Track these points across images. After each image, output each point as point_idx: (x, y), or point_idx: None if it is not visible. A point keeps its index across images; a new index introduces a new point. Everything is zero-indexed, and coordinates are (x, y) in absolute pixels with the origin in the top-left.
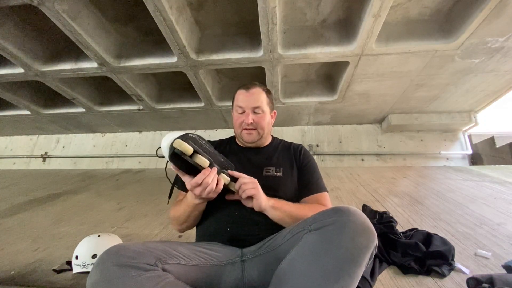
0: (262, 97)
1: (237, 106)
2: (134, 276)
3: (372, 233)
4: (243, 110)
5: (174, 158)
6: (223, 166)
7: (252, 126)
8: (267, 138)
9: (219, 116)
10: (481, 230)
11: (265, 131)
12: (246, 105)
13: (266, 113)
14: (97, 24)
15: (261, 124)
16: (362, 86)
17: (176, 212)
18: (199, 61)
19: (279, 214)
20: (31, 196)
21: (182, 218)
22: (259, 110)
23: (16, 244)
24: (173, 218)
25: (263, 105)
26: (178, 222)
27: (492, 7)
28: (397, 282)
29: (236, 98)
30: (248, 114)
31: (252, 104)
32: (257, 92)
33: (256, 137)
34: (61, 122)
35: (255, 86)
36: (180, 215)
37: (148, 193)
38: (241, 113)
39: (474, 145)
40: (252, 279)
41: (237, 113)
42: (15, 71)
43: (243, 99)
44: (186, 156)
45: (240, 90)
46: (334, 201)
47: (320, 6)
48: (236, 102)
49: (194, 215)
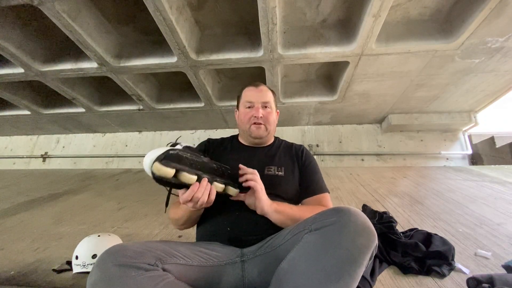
0: (269, 94)
1: (246, 101)
2: (134, 276)
3: (372, 234)
4: (253, 104)
5: (158, 181)
6: (217, 173)
7: (262, 120)
8: (270, 137)
9: (219, 116)
10: (481, 230)
11: (272, 127)
12: (256, 99)
13: (273, 110)
14: (97, 24)
15: (269, 120)
16: (362, 86)
17: (175, 214)
18: (199, 61)
19: (281, 218)
20: (31, 196)
21: (181, 220)
22: (268, 105)
23: (16, 244)
24: (172, 219)
25: (271, 101)
26: (177, 223)
27: (492, 7)
28: (397, 282)
29: (244, 94)
30: (258, 108)
31: (262, 99)
32: (265, 89)
33: (264, 132)
34: (61, 122)
35: (263, 85)
36: (179, 218)
37: (148, 193)
38: (250, 107)
39: (474, 145)
40: (252, 279)
41: (245, 108)
42: (15, 71)
43: (253, 95)
44: (169, 178)
45: (248, 87)
46: (334, 201)
47: (320, 6)
48: (245, 98)
49: (193, 218)
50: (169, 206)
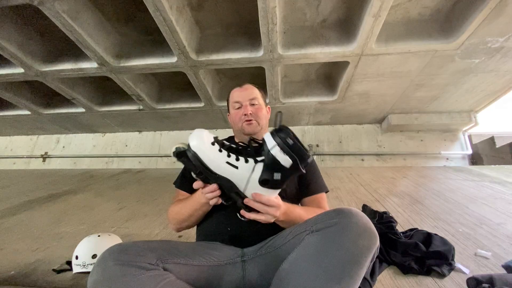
0: (255, 91)
1: (234, 102)
2: (135, 275)
3: (374, 235)
4: (240, 104)
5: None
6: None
7: (252, 117)
8: (264, 133)
9: (219, 116)
10: (481, 230)
11: (263, 122)
12: (243, 98)
13: (262, 106)
14: (97, 24)
15: (259, 115)
16: (362, 86)
17: (179, 209)
18: (199, 61)
19: (284, 224)
20: (31, 196)
21: (184, 215)
22: (255, 102)
23: (16, 244)
24: (173, 216)
25: (258, 97)
26: (178, 221)
27: (492, 7)
28: (397, 282)
29: (231, 96)
30: (246, 106)
31: (249, 97)
32: (250, 87)
33: (256, 127)
34: (61, 122)
35: (247, 83)
36: (183, 213)
37: (148, 193)
38: (239, 108)
39: (474, 145)
40: (253, 279)
41: (234, 109)
42: (15, 71)
43: (239, 94)
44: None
45: (233, 89)
46: (334, 201)
47: (320, 6)
48: (232, 100)
49: (198, 214)
50: None
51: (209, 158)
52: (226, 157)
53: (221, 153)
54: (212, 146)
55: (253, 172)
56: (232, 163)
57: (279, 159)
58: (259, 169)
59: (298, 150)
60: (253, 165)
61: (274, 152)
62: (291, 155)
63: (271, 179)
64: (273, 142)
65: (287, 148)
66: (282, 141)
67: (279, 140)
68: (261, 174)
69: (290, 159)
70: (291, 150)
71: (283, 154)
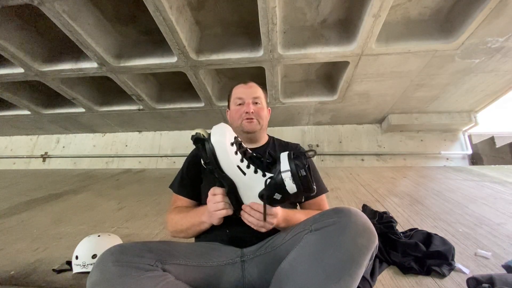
0: (260, 91)
1: (236, 98)
2: (134, 276)
3: (373, 234)
4: (243, 101)
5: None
6: None
7: (254, 115)
8: (263, 133)
9: (219, 116)
10: (481, 230)
11: (264, 122)
12: (246, 96)
13: (264, 107)
14: (97, 24)
15: (261, 115)
16: (362, 86)
17: (178, 220)
18: (199, 61)
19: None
20: (31, 196)
21: (183, 227)
22: (258, 101)
23: (16, 244)
24: (171, 224)
25: (262, 97)
26: (176, 231)
27: (492, 7)
28: (397, 282)
29: (234, 92)
30: (249, 104)
31: (252, 95)
32: (255, 86)
33: (257, 126)
34: (61, 122)
35: (252, 82)
36: (182, 224)
37: (148, 193)
38: (240, 104)
39: (474, 145)
40: (252, 279)
41: (235, 105)
42: (15, 71)
43: (243, 91)
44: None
45: (237, 85)
46: (334, 201)
47: (320, 6)
48: (235, 95)
49: (195, 230)
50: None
51: (224, 156)
52: (239, 161)
53: (235, 156)
54: (231, 147)
55: (257, 183)
56: (242, 168)
57: (286, 184)
58: (264, 183)
59: (307, 183)
60: (260, 178)
61: (284, 176)
62: (299, 186)
63: (271, 196)
64: (287, 167)
65: (298, 178)
66: (296, 170)
67: (293, 167)
68: (264, 188)
69: (296, 188)
70: (301, 182)
71: (292, 182)
